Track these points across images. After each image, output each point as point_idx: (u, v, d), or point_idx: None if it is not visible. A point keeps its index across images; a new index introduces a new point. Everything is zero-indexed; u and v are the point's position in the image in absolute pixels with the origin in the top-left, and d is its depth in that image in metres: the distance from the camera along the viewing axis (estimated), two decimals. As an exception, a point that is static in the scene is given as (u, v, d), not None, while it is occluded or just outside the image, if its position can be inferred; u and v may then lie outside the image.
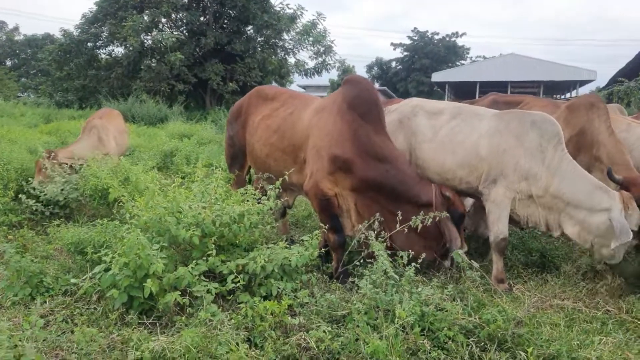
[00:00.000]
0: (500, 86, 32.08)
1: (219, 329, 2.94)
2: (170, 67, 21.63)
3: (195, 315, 3.06)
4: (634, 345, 3.18)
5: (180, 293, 3.17)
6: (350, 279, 3.85)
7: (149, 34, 23.09)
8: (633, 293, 3.95)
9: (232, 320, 3.10)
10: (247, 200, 4.02)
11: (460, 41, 48.40)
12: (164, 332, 3.05)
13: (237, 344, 2.81)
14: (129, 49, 22.69)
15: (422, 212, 3.84)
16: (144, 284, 3.08)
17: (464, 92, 36.82)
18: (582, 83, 34.74)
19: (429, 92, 42.48)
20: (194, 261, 3.40)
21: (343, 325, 3.23)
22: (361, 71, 53.70)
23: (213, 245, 3.50)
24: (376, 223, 3.86)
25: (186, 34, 23.82)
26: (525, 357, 2.79)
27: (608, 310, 3.75)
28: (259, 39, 23.32)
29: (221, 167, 4.48)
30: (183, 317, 3.11)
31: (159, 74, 22.00)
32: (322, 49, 22.31)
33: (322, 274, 4.30)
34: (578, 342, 3.06)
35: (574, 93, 35.26)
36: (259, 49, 22.83)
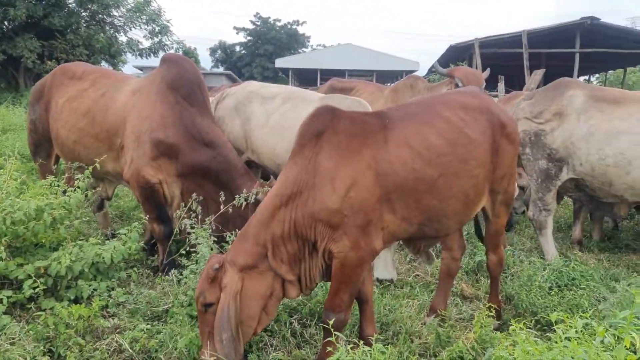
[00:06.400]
0: (339, 74, 33.68)
1: (11, 343, 2.54)
2: (-30, 42, 18.21)
3: (-22, 331, 2.59)
4: (435, 304, 3.58)
5: (-42, 307, 2.65)
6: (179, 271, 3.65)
7: (-62, 0, 19.06)
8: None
9: (31, 331, 2.71)
10: (50, 194, 3.53)
11: (301, 29, 49.74)
12: None
13: (34, 358, 2.45)
14: None
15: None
16: None
17: (307, 78, 37.99)
18: (407, 72, 38.46)
19: (274, 78, 42.86)
20: (-24, 268, 2.87)
21: (165, 321, 3.06)
22: (204, 54, 51.96)
23: (2, 248, 2.99)
24: (199, 208, 3.69)
25: (-10, 3, 20.22)
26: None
27: (417, 275, 4.17)
28: (83, 13, 20.87)
29: (18, 156, 3.87)
30: (-39, 336, 2.61)
31: (-45, 49, 18.37)
32: (157, 29, 20.92)
33: (147, 268, 4.02)
34: (389, 307, 3.33)
35: (401, 81, 38.86)
36: (84, 25, 20.47)
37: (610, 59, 22.75)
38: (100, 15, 20.63)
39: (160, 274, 3.88)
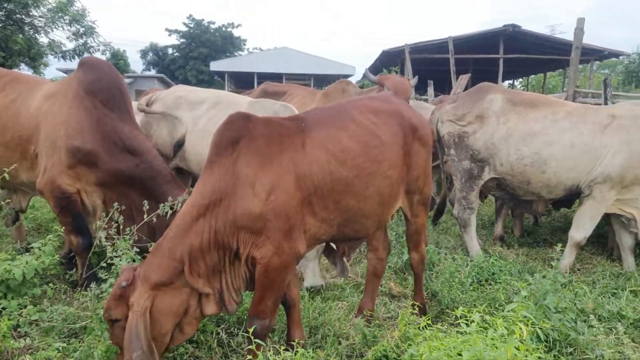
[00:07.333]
0: (276, 78, 33.72)
1: None
2: None
3: None
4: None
5: None
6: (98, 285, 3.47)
7: None
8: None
9: None
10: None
11: (236, 32, 49.20)
12: None
13: None
14: None
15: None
16: None
17: (243, 82, 37.66)
18: (344, 77, 39.08)
19: (209, 81, 42.06)
20: None
21: (83, 339, 2.90)
22: (135, 56, 50.13)
23: None
24: (120, 218, 3.53)
25: None
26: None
27: (349, 277, 4.22)
28: (-1, 13, 19.47)
29: None
30: None
31: None
32: (82, 30, 19.87)
33: (65, 283, 3.80)
34: (318, 311, 3.35)
35: (339, 85, 39.36)
36: (0, 25, 19.08)
37: (532, 64, 24.32)
38: (17, 15, 19.34)
39: (79, 288, 3.68)
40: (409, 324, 2.74)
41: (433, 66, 21.55)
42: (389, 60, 24.34)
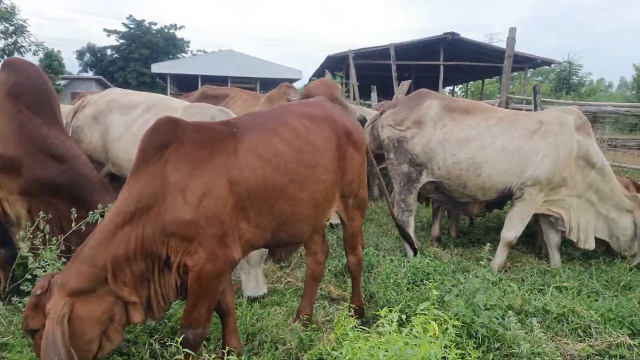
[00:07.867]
0: (221, 81, 33.19)
1: None
2: None
3: None
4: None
5: None
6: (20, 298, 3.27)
7: None
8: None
9: None
10: None
11: (179, 34, 48.14)
12: None
13: None
14: None
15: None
16: None
17: (186, 85, 36.81)
18: (291, 81, 38.99)
19: (150, 84, 40.85)
20: None
21: (3, 356, 2.72)
22: (70, 57, 47.93)
23: None
24: (47, 228, 3.36)
25: None
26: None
27: (289, 282, 4.22)
28: None
29: None
30: None
31: None
32: (11, 29, 18.80)
33: (-14, 298, 3.56)
34: (257, 317, 3.32)
35: (285, 89, 39.26)
36: None
37: (471, 71, 25.34)
38: (-62, 11, 18.04)
39: (1, 303, 3.45)
40: (344, 326, 2.76)
41: (376, 71, 21.99)
42: (333, 65, 24.61)
